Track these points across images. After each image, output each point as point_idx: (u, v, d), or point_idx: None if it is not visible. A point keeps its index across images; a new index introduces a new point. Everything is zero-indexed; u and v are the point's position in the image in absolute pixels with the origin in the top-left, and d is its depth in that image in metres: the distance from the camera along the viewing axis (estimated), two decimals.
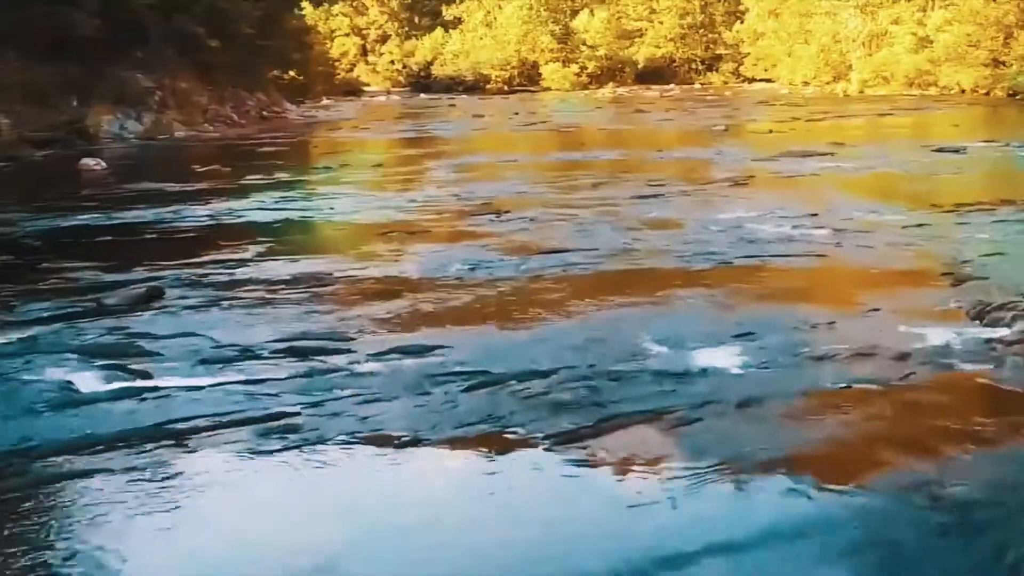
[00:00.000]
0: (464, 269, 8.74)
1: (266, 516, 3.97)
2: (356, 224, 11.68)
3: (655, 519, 3.80)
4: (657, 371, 5.53)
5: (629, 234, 10.45)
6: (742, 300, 7.42)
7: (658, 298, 7.51)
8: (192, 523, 3.89)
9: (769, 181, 15.01)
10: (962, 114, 31.43)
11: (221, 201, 13.78)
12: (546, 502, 4.04)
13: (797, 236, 10.13)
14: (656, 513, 3.84)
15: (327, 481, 4.25)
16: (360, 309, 7.37)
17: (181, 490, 4.12)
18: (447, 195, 13.91)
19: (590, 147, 21.77)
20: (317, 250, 9.85)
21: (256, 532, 3.83)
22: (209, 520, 3.94)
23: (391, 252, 9.69)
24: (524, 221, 11.43)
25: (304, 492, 4.17)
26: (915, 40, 46.99)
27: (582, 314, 7.06)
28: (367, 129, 30.58)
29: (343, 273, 8.69)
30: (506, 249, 9.68)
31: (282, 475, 4.27)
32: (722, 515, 3.82)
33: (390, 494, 4.13)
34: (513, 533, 3.75)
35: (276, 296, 7.85)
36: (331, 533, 3.77)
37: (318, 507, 4.04)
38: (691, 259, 8.98)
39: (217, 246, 10.13)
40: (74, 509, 3.99)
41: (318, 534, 3.76)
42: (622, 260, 9.07)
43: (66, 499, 4.08)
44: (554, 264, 8.86)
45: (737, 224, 10.89)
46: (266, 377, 5.56)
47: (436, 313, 7.19)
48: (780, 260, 8.92)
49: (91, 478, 4.21)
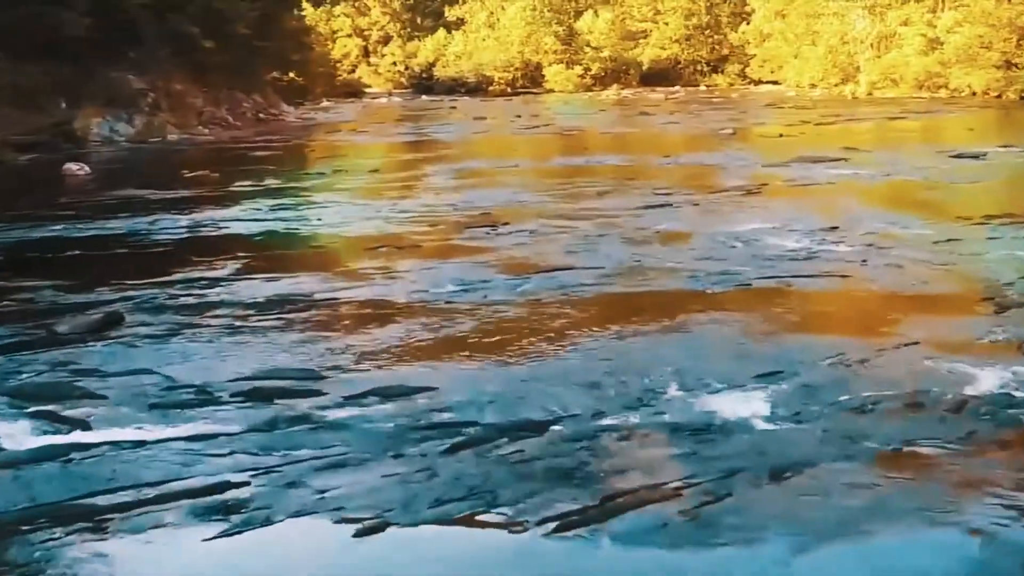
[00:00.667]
0: (456, 290, 7.98)
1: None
2: (344, 237, 10.91)
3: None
4: (673, 425, 4.76)
5: (636, 249, 9.68)
6: (764, 330, 6.65)
7: (670, 328, 6.74)
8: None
9: (783, 189, 14.23)
10: (976, 118, 30.60)
11: (204, 210, 13.03)
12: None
13: (818, 252, 9.35)
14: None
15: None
16: (338, 340, 6.61)
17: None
18: (443, 204, 13.14)
19: (594, 152, 20.99)
20: (298, 267, 9.09)
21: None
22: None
23: (378, 270, 8.93)
24: (523, 234, 10.66)
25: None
26: (925, 42, 46.11)
27: (585, 347, 6.29)
28: (365, 132, 29.81)
29: (323, 295, 7.92)
30: (503, 267, 8.92)
31: (215, 568, 3.50)
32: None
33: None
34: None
35: (246, 323, 7.09)
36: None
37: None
38: (705, 279, 8.21)
39: (191, 262, 9.37)
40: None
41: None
42: (629, 280, 8.30)
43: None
44: (554, 285, 8.09)
45: (752, 238, 10.12)
46: (219, 431, 4.80)
47: (422, 345, 6.42)
48: (802, 281, 8.14)
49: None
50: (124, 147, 23.85)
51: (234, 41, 31.01)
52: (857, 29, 50.46)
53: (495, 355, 6.17)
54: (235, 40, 31.06)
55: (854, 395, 5.18)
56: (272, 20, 34.25)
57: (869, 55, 49.29)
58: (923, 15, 47.59)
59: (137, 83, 26.88)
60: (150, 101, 26.82)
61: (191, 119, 28.08)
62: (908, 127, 27.41)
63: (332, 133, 29.70)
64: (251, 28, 31.75)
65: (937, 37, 45.70)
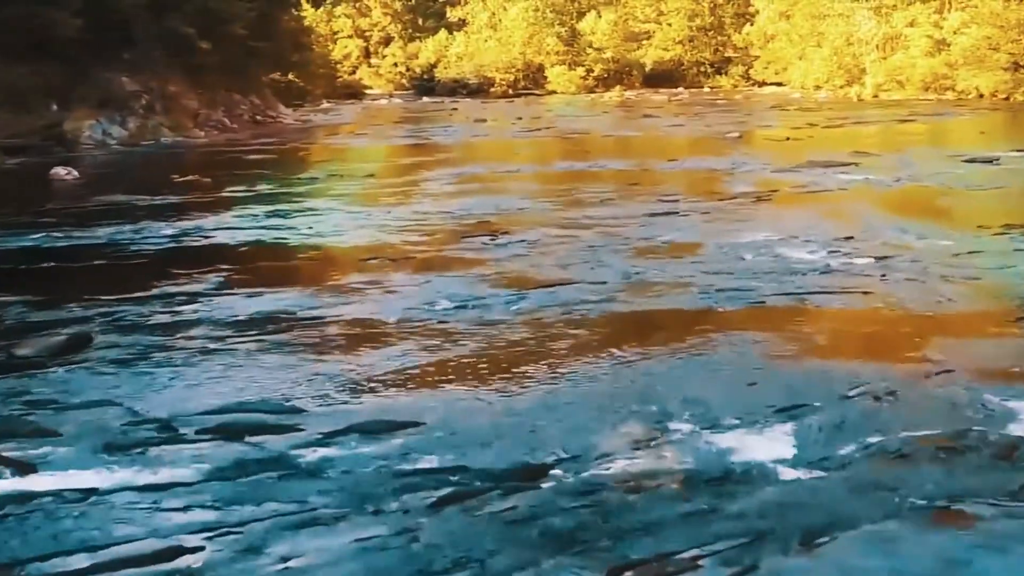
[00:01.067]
0: (450, 308, 7.46)
1: None
2: (334, 247, 10.39)
3: None
4: (686, 473, 4.24)
5: (641, 261, 9.16)
6: (782, 355, 6.12)
7: (679, 352, 6.21)
8: None
9: (794, 196, 13.70)
10: (985, 120, 30.09)
11: (192, 218, 12.52)
12: None
13: (834, 266, 8.83)
14: None
15: None
16: (319, 366, 6.09)
17: None
18: (440, 212, 12.63)
19: (596, 156, 20.47)
20: (283, 281, 8.57)
21: None
22: None
23: (367, 284, 8.41)
24: (523, 245, 10.14)
25: None
26: (931, 43, 45.60)
27: (587, 376, 5.78)
28: (364, 135, 29.30)
29: (307, 313, 7.41)
30: (501, 281, 8.40)
31: None
32: None
33: None
34: None
35: (223, 346, 6.57)
36: None
37: None
38: (715, 296, 7.69)
39: (171, 275, 8.86)
40: None
41: None
42: (634, 296, 7.78)
43: None
44: (555, 302, 7.58)
45: (764, 249, 9.60)
46: (178, 479, 4.28)
47: (410, 373, 5.90)
48: (820, 298, 7.62)
49: None
50: (116, 150, 23.34)
51: (231, 42, 30.51)
52: (863, 30, 49.93)
53: (489, 385, 5.65)
54: (232, 41, 30.57)
55: (887, 435, 4.66)
56: (270, 20, 33.74)
57: (875, 56, 48.75)
58: (929, 16, 47.05)
59: (131, 84, 26.40)
60: (144, 103, 26.33)
61: (186, 121, 27.59)
62: (917, 130, 26.87)
63: (330, 136, 29.19)
64: (248, 29, 31.23)
65: (944, 38, 45.20)
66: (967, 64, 42.26)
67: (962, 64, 42.56)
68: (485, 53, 64.87)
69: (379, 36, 73.24)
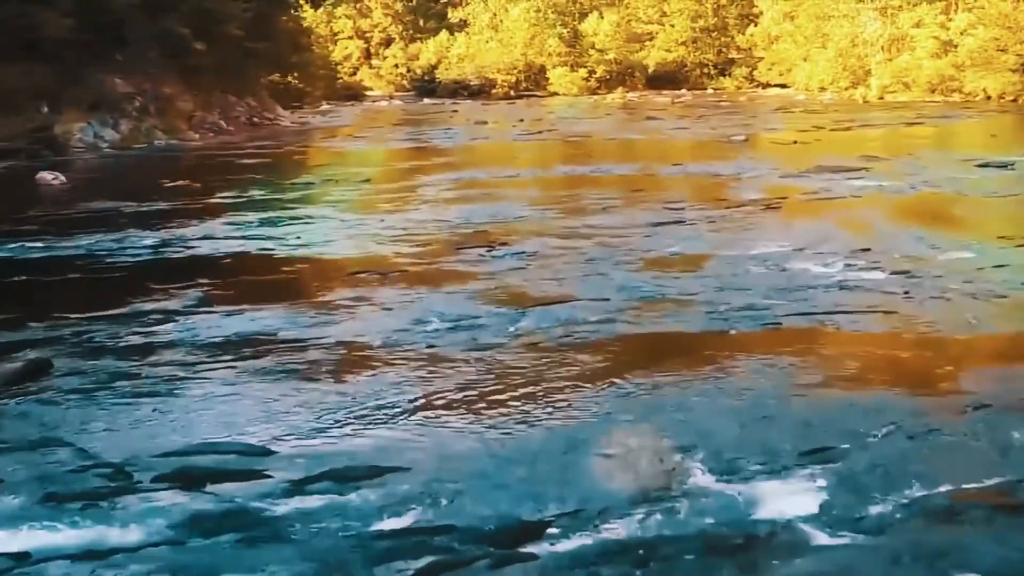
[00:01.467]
0: (441, 330, 6.93)
1: None
2: (322, 260, 9.86)
3: None
4: (703, 535, 3.71)
5: (647, 276, 8.63)
6: (802, 387, 5.59)
7: (690, 383, 5.68)
8: None
9: (804, 204, 13.16)
10: (995, 123, 29.52)
11: (177, 226, 12.00)
12: None
13: (852, 280, 8.29)
14: None
15: None
16: (296, 397, 5.56)
17: None
18: (435, 220, 12.10)
19: (599, 160, 19.92)
20: (265, 298, 8.04)
21: None
22: None
23: (355, 302, 7.88)
24: (521, 257, 9.61)
25: None
26: (938, 44, 44.95)
27: (588, 410, 5.25)
28: (362, 138, 28.76)
29: (288, 335, 6.88)
30: (497, 298, 7.87)
31: None
32: None
33: None
34: None
35: (192, 373, 6.04)
36: None
37: None
38: (728, 316, 7.14)
39: (147, 291, 8.34)
40: None
41: None
42: (640, 317, 7.24)
43: None
44: (554, 322, 7.05)
45: (776, 262, 9.06)
46: (121, 543, 3.77)
47: (395, 407, 5.37)
48: (839, 319, 7.07)
49: None
50: (108, 154, 22.83)
51: (227, 43, 29.97)
52: (868, 31, 49.31)
53: (480, 422, 5.12)
54: (228, 42, 30.03)
55: (927, 487, 4.13)
56: (267, 21, 33.20)
57: (880, 58, 48.13)
58: (936, 17, 46.38)
59: (124, 86, 25.88)
60: (137, 105, 25.81)
61: (180, 124, 27.06)
62: (926, 133, 26.30)
63: (327, 139, 28.67)
64: (244, 29, 30.69)
65: (950, 40, 44.55)
66: (974, 66, 41.63)
67: (969, 66, 41.94)
68: (486, 54, 64.29)
69: (380, 37, 72.67)
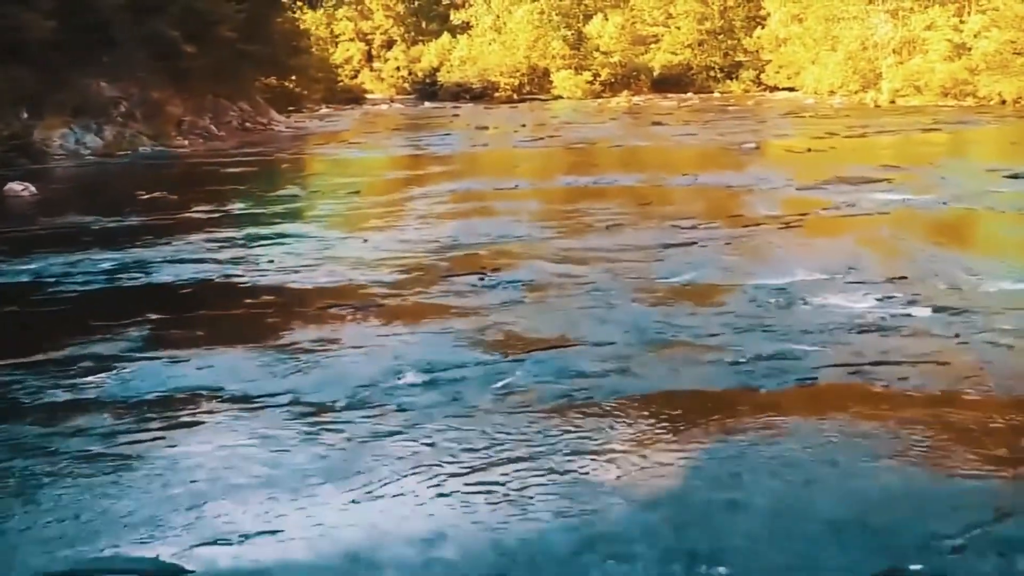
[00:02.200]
0: (416, 384, 5.89)
1: None
2: (292, 289, 8.79)
3: None
4: None
5: (656, 312, 7.58)
6: (852, 474, 4.53)
7: (713, 466, 4.63)
8: None
9: (826, 222, 12.08)
10: (1014, 129, 28.37)
11: (140, 246, 10.99)
12: None
13: (891, 320, 7.23)
14: None
15: None
16: (230, 487, 4.51)
17: None
18: (424, 240, 11.04)
19: (603, 169, 18.86)
20: (218, 339, 7.00)
21: None
22: None
23: (320, 345, 6.83)
24: (516, 287, 8.56)
25: None
26: (951, 47, 43.79)
27: (586, 504, 4.20)
28: (357, 144, 27.70)
29: (235, 390, 5.83)
30: (485, 342, 6.83)
31: None
32: None
33: None
34: None
35: (108, 448, 5.00)
36: None
37: None
38: (753, 369, 6.08)
39: (86, 329, 7.30)
40: None
41: None
42: (650, 368, 6.18)
43: None
44: (550, 374, 6.01)
45: (803, 294, 8.01)
46: None
47: (348, 504, 4.32)
48: (883, 373, 6.01)
49: None
50: (89, 162, 21.83)
51: (219, 45, 28.99)
52: (879, 34, 48.20)
53: (453, 523, 4.07)
54: (220, 44, 29.05)
55: None
56: (261, 23, 32.19)
57: (891, 61, 46.99)
58: (949, 19, 45.23)
59: (109, 90, 24.93)
60: (123, 110, 24.85)
61: (169, 129, 26.07)
62: (944, 140, 25.22)
63: (321, 145, 27.60)
64: (238, 31, 29.69)
65: (964, 42, 43.42)
66: (989, 69, 40.48)
67: (984, 69, 40.80)
68: (489, 57, 63.21)
69: (381, 39, 71.69)
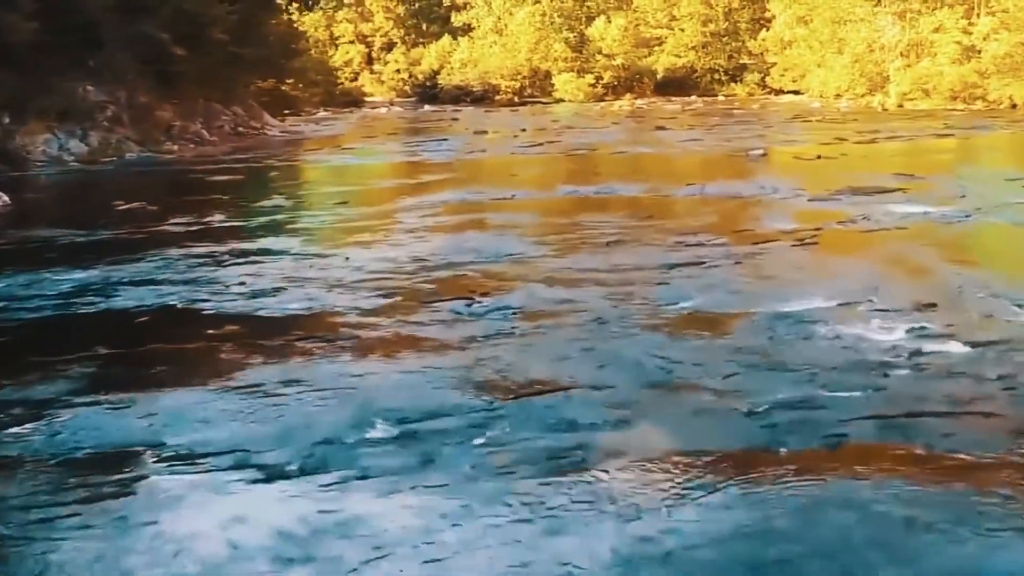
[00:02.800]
0: (383, 442, 5.12)
1: None
2: (260, 318, 7.98)
3: None
4: None
5: (661, 348, 6.79)
6: (897, 554, 3.73)
7: (727, 545, 3.83)
8: None
9: (843, 238, 11.29)
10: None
11: (106, 264, 10.22)
12: None
13: (926, 358, 6.43)
14: None
15: None
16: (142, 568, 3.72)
17: None
18: (409, 258, 10.24)
19: (604, 177, 18.03)
20: (167, 379, 6.22)
21: None
22: None
23: (281, 387, 6.04)
24: (505, 315, 7.76)
25: None
26: (960, 50, 42.96)
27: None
28: (351, 149, 26.90)
29: (177, 445, 5.05)
30: (466, 384, 6.04)
31: None
32: None
33: None
34: None
35: (8, 530, 4.20)
36: None
37: None
38: (774, 421, 5.30)
39: (26, 366, 6.53)
40: None
41: None
42: (656, 421, 5.38)
43: None
44: (538, 430, 5.23)
45: (823, 325, 7.21)
46: None
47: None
48: (925, 427, 5.22)
49: None
50: (71, 169, 21.06)
51: (211, 48, 28.22)
52: (886, 36, 47.35)
53: None
54: (212, 46, 28.27)
55: None
56: (254, 25, 31.39)
57: (899, 64, 46.12)
58: (957, 21, 44.38)
59: (96, 94, 24.15)
60: (110, 115, 24.07)
61: (157, 135, 25.30)
62: (958, 147, 24.41)
63: (314, 151, 26.79)
64: (230, 33, 28.91)
65: (973, 45, 42.61)
66: (1000, 72, 39.70)
67: (994, 72, 39.99)
68: (490, 59, 62.35)
69: (381, 41, 70.89)
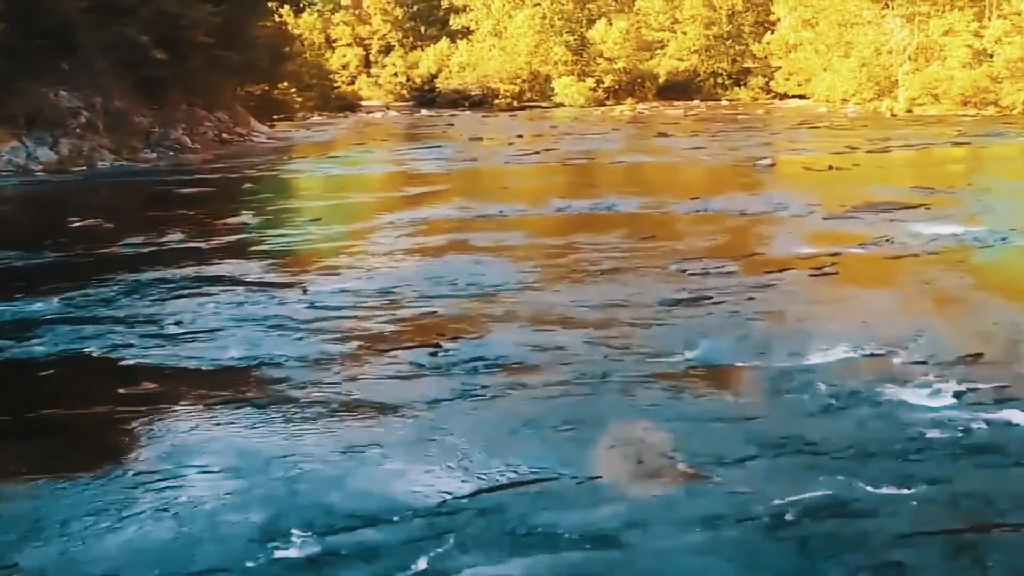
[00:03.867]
0: (299, 561, 3.90)
1: None
2: (182, 372, 6.74)
3: None
4: None
5: (660, 419, 5.60)
6: None
7: None
8: None
9: (865, 265, 10.08)
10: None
11: (34, 296, 9.04)
12: None
13: (979, 433, 5.29)
14: None
15: None
16: None
17: None
18: (374, 291, 9.03)
19: (602, 191, 16.80)
20: (40, 463, 5.03)
21: None
22: None
23: (175, 479, 4.85)
24: (476, 368, 6.57)
25: None
26: (971, 53, 41.76)
27: None
28: (336, 158, 25.67)
29: (33, 560, 3.86)
30: (412, 473, 4.85)
31: None
32: None
33: None
34: None
35: None
36: None
37: None
38: (800, 533, 4.11)
39: None
40: None
41: None
42: (650, 539, 4.18)
43: None
44: (498, 547, 4.06)
45: (852, 384, 6.05)
46: None
47: None
48: (995, 545, 4.03)
49: None
50: (37, 179, 19.90)
51: (193, 51, 27.02)
52: (894, 39, 46.12)
53: None
54: (195, 50, 27.07)
55: None
56: (240, 27, 30.18)
57: (908, 68, 44.91)
58: (968, 24, 43.17)
59: (69, 100, 22.98)
60: (83, 121, 22.90)
61: (135, 142, 24.13)
62: (975, 156, 23.21)
63: (298, 159, 25.60)
64: (215, 36, 27.71)
65: (984, 48, 41.40)
66: (1012, 77, 38.53)
67: (1007, 77, 38.81)
68: (489, 63, 61.10)
69: (379, 44, 69.67)
